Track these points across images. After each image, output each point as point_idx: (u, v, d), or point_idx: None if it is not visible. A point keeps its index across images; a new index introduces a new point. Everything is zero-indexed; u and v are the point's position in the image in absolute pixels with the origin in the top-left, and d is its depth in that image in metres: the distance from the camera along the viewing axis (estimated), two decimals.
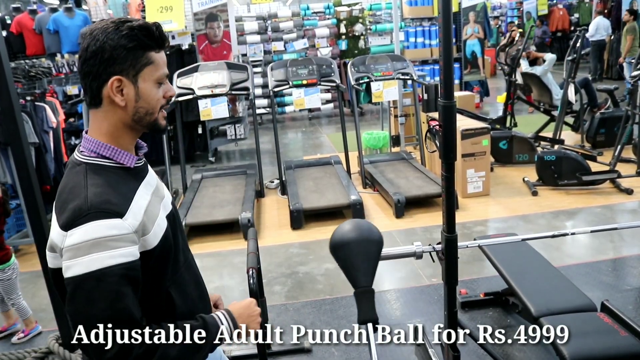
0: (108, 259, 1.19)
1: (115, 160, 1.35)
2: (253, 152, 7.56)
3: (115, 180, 1.31)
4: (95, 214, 1.20)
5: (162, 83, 1.37)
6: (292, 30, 10.95)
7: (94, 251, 1.18)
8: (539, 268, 3.22)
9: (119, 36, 1.28)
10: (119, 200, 1.26)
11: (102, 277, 1.18)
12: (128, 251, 1.23)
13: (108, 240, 1.20)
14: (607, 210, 5.17)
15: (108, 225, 1.21)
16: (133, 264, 1.23)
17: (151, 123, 1.37)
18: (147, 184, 1.41)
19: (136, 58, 1.30)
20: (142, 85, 1.32)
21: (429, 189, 5.59)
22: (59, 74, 7.80)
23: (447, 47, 1.99)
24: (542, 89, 7.67)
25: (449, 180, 2.13)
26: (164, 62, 1.36)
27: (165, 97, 1.38)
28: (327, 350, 3.29)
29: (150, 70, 1.33)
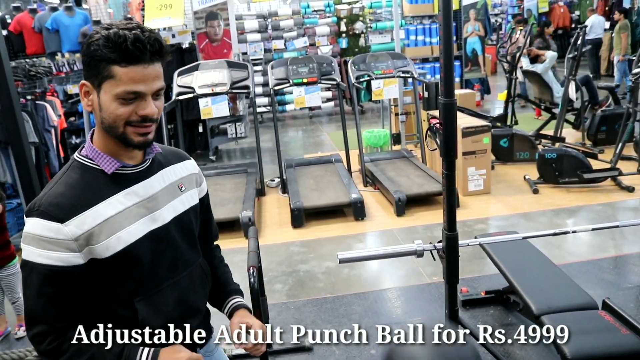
0: (37, 256, 1.27)
1: (95, 162, 1.36)
2: (254, 151, 7.55)
3: (87, 184, 1.33)
4: (39, 212, 1.27)
5: (128, 100, 1.28)
6: (293, 29, 10.93)
7: (31, 244, 1.28)
8: (540, 266, 3.22)
9: (89, 42, 1.27)
10: (71, 206, 1.29)
11: (31, 269, 1.28)
12: (58, 256, 1.27)
13: (41, 239, 1.27)
14: (608, 208, 5.16)
15: (45, 226, 1.26)
16: (61, 269, 1.28)
17: (119, 136, 1.32)
18: (132, 193, 1.37)
19: (97, 68, 1.26)
20: (102, 97, 1.29)
21: (429, 187, 5.58)
22: (59, 73, 7.80)
23: (448, 45, 1.98)
24: (543, 86, 7.67)
25: (449, 178, 2.13)
26: (130, 78, 1.26)
27: (137, 115, 1.29)
28: (328, 349, 3.29)
29: (111, 84, 1.26)
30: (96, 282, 1.34)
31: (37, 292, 1.29)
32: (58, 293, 1.29)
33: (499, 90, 11.16)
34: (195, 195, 1.56)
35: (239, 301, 1.65)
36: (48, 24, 7.47)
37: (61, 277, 1.28)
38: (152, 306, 1.41)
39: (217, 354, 1.70)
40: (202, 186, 1.62)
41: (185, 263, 1.50)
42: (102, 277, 1.34)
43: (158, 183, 1.44)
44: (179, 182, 1.50)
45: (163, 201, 1.44)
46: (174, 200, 1.47)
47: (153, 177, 1.43)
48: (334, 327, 3.52)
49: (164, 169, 1.48)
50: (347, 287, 4.06)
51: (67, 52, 7.83)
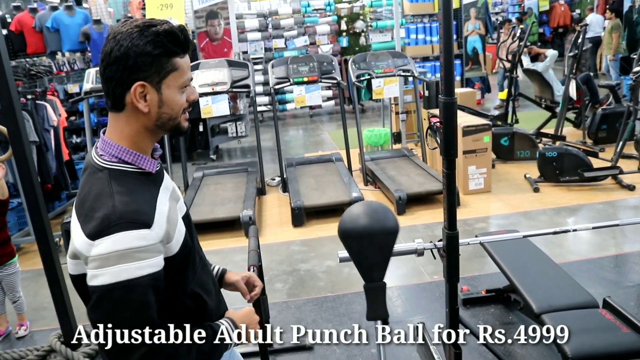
0: (136, 270, 1.19)
1: (137, 166, 1.33)
2: (254, 150, 7.55)
3: (138, 188, 1.30)
4: (124, 224, 1.19)
5: (186, 87, 1.34)
6: (293, 28, 10.93)
7: (123, 262, 1.18)
8: (541, 265, 3.22)
9: (144, 42, 1.24)
10: (146, 209, 1.25)
11: (130, 287, 1.18)
12: (155, 261, 1.23)
13: (137, 251, 1.19)
14: (609, 206, 5.16)
15: (137, 236, 1.20)
16: (159, 274, 1.24)
17: (174, 127, 1.35)
18: (165, 189, 1.39)
19: (161, 65, 1.27)
20: (165, 92, 1.29)
21: (430, 186, 5.58)
22: (59, 73, 7.79)
23: (448, 44, 1.98)
24: (544, 85, 7.66)
25: (449, 177, 2.12)
26: (188, 67, 1.33)
27: (188, 101, 1.36)
28: (329, 348, 3.29)
29: (175, 76, 1.30)
30: (168, 282, 1.31)
31: (141, 307, 1.21)
32: (157, 300, 1.25)
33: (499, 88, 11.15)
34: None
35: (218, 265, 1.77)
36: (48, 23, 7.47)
37: (160, 282, 1.25)
38: (203, 287, 1.45)
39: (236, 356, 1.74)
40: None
41: (198, 242, 1.55)
42: (172, 275, 1.31)
43: (167, 177, 1.47)
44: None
45: (177, 190, 1.50)
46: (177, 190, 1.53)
47: (165, 172, 1.48)
48: (334, 326, 3.53)
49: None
50: (348, 286, 4.06)
51: (67, 52, 7.83)
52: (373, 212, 1.60)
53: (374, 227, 1.58)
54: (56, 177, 5.80)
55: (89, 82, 6.31)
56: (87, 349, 3.36)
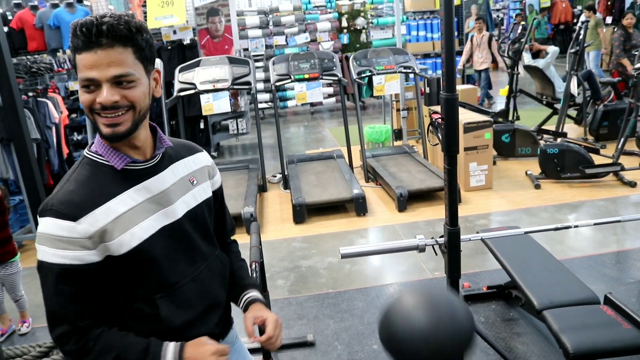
0: (52, 255, 1.26)
1: (105, 159, 1.34)
2: (255, 147, 7.55)
3: (97, 180, 1.31)
4: (52, 211, 1.26)
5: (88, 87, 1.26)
6: (294, 25, 10.92)
7: (45, 244, 1.26)
8: (542, 261, 3.22)
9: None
10: (83, 204, 1.27)
11: (47, 269, 1.27)
12: (73, 254, 1.26)
13: (55, 239, 1.25)
14: (610, 203, 5.16)
15: (58, 225, 1.25)
16: (77, 267, 1.26)
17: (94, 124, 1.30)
18: (143, 189, 1.35)
19: (74, 59, 1.27)
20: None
21: (431, 183, 5.58)
22: (60, 70, 7.80)
23: (449, 40, 1.98)
24: (545, 81, 7.65)
25: (451, 173, 2.12)
26: (84, 65, 1.23)
27: (97, 103, 1.25)
28: (330, 344, 3.30)
29: (78, 72, 1.26)
30: (115, 280, 1.33)
31: (56, 292, 1.28)
32: (77, 292, 1.29)
33: (500, 85, 11.14)
34: (208, 188, 1.55)
35: (253, 295, 1.61)
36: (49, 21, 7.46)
37: (78, 275, 1.27)
38: (174, 303, 1.40)
39: (238, 345, 1.70)
40: (214, 178, 1.60)
41: (202, 257, 1.49)
42: (120, 275, 1.33)
43: (169, 178, 1.42)
44: (190, 176, 1.48)
45: (175, 196, 1.42)
46: (186, 194, 1.46)
47: (164, 172, 1.41)
48: (336, 322, 3.53)
49: (174, 163, 1.46)
50: (349, 283, 4.06)
51: (68, 49, 7.83)
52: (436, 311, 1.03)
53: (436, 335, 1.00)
54: (58, 174, 5.80)
55: None
56: None
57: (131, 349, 1.32)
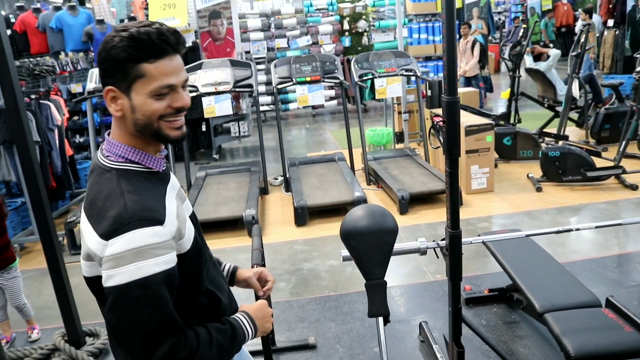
0: (153, 266, 1.19)
1: (144, 165, 1.33)
2: (257, 150, 7.56)
3: (147, 186, 1.29)
4: (137, 222, 1.19)
5: (163, 95, 1.27)
6: (296, 27, 10.93)
7: (138, 260, 1.17)
8: (544, 264, 3.22)
9: (110, 47, 1.23)
10: (157, 207, 1.25)
11: (147, 284, 1.18)
12: (169, 258, 1.23)
13: (151, 248, 1.19)
14: (611, 206, 5.15)
15: (150, 233, 1.19)
16: (173, 270, 1.24)
17: (155, 133, 1.30)
18: (172, 188, 1.38)
19: (125, 71, 1.23)
20: (135, 98, 1.25)
21: (432, 186, 5.58)
22: (62, 72, 7.82)
23: (451, 43, 1.98)
24: (546, 84, 7.65)
25: (452, 176, 2.12)
26: (161, 73, 1.25)
27: (171, 107, 1.28)
28: (332, 347, 3.29)
29: (142, 83, 1.24)
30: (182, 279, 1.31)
31: (161, 304, 1.20)
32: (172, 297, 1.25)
33: (502, 88, 11.15)
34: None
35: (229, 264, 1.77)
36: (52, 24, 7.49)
37: (174, 279, 1.25)
38: (215, 285, 1.46)
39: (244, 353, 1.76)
40: None
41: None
42: (185, 273, 1.32)
43: (173, 177, 1.47)
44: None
45: (182, 191, 1.49)
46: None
47: (170, 172, 1.47)
48: (337, 325, 3.53)
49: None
50: (351, 285, 4.06)
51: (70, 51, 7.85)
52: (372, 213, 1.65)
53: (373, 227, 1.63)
54: (60, 176, 5.81)
55: (92, 82, 6.33)
56: (91, 347, 3.38)
57: (222, 333, 1.36)
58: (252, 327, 1.45)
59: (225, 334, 1.36)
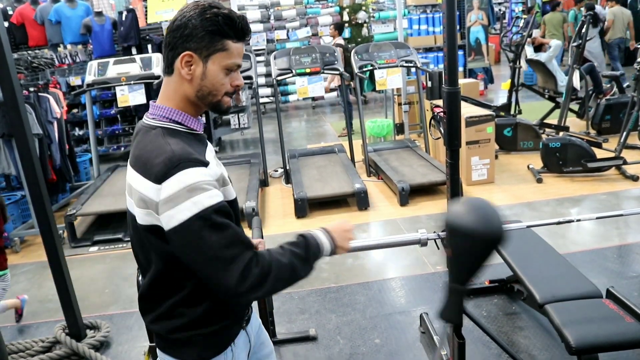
0: (207, 198, 1.29)
1: (186, 126, 1.44)
2: (257, 141, 7.55)
3: (189, 141, 1.40)
4: (185, 162, 1.29)
5: (232, 71, 1.43)
6: (295, 19, 10.88)
7: (193, 195, 1.27)
8: (544, 255, 3.22)
9: (202, 18, 1.36)
10: (199, 154, 1.37)
11: (206, 215, 1.28)
12: (217, 193, 1.33)
13: (202, 183, 1.29)
14: (612, 197, 5.15)
15: (199, 172, 1.31)
16: (224, 204, 1.34)
17: (213, 103, 1.44)
18: (209, 150, 1.49)
19: (212, 41, 1.37)
20: (210, 67, 1.39)
21: (433, 177, 5.57)
22: (61, 65, 7.79)
23: (451, 34, 1.97)
24: (547, 75, 7.63)
25: (453, 167, 2.12)
26: (238, 54, 1.42)
27: (232, 85, 1.45)
28: (333, 338, 3.30)
29: (222, 56, 1.39)
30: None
31: (223, 228, 1.30)
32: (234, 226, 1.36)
33: (502, 79, 11.11)
34: None
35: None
36: (50, 16, 7.46)
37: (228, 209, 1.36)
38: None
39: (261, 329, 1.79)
40: None
41: None
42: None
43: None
44: None
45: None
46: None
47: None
48: (338, 316, 3.54)
49: None
50: (351, 277, 4.06)
51: (69, 44, 7.83)
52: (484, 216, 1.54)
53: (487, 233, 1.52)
54: (60, 169, 5.80)
55: (91, 75, 6.30)
56: (91, 340, 3.38)
57: (294, 249, 1.45)
58: (329, 240, 1.52)
59: (298, 246, 1.46)
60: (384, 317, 3.49)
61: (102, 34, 7.70)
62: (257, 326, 1.72)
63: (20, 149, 3.17)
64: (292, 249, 1.44)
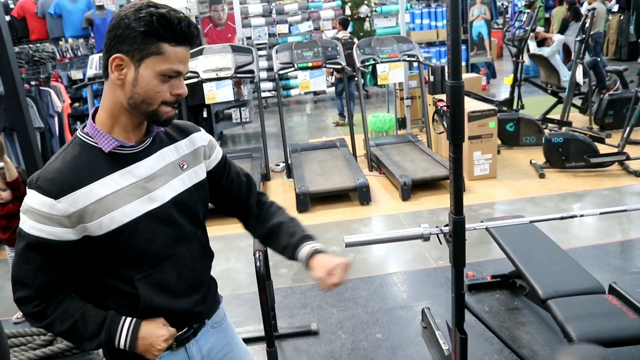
0: (30, 227, 1.31)
1: (95, 141, 1.36)
2: (258, 136, 7.53)
3: (84, 162, 1.34)
4: (36, 185, 1.30)
5: (171, 77, 1.32)
6: (297, 13, 10.85)
7: (26, 214, 1.32)
8: (547, 250, 3.21)
9: (135, 17, 1.27)
10: (65, 183, 1.30)
11: (22, 237, 1.33)
12: (49, 230, 1.30)
13: (35, 212, 1.30)
14: (615, 192, 5.13)
15: (40, 201, 1.29)
16: (50, 242, 1.31)
17: (148, 113, 1.34)
18: (128, 173, 1.37)
19: (144, 43, 1.27)
20: (142, 72, 1.29)
21: (435, 172, 5.56)
22: (63, 59, 7.77)
23: (455, 27, 1.95)
24: (550, 70, 7.59)
25: (456, 161, 2.10)
26: (176, 58, 1.31)
27: (172, 94, 1.34)
28: (334, 333, 3.30)
29: (156, 60, 1.29)
30: (93, 258, 1.38)
31: (25, 259, 1.34)
32: (45, 263, 1.34)
33: (505, 74, 11.08)
34: (201, 170, 1.54)
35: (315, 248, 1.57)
36: (51, 9, 7.43)
37: (50, 249, 1.32)
38: (153, 284, 1.42)
39: (226, 325, 1.70)
40: (212, 157, 1.60)
41: (185, 239, 1.49)
42: (98, 254, 1.37)
43: (157, 162, 1.42)
44: (180, 161, 1.48)
45: (161, 181, 1.42)
46: (174, 179, 1.45)
47: (152, 156, 1.42)
48: (339, 311, 3.53)
49: (165, 147, 1.46)
50: (353, 272, 4.06)
51: (70, 38, 7.80)
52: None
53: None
54: None
55: (93, 68, 6.29)
56: None
57: (90, 319, 1.38)
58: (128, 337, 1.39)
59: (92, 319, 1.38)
60: (385, 311, 3.49)
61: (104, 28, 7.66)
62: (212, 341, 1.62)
63: (21, 143, 3.17)
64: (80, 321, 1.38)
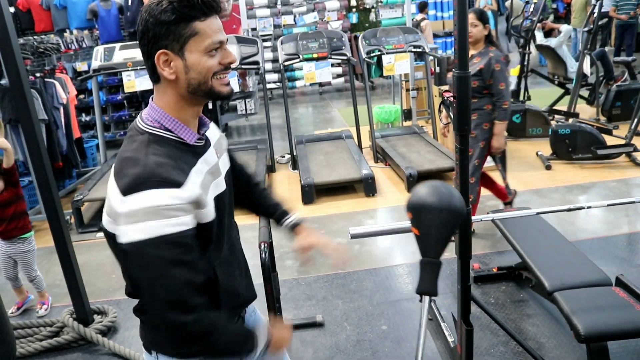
0: (165, 227, 1.21)
1: (176, 134, 1.34)
2: (263, 127, 7.52)
3: (174, 154, 1.31)
4: (154, 182, 1.22)
5: (215, 50, 1.31)
6: (302, 4, 10.79)
7: (151, 218, 1.20)
8: (553, 242, 3.19)
9: (158, 12, 1.26)
10: (178, 172, 1.27)
11: (157, 244, 1.21)
12: (182, 220, 1.24)
13: (165, 209, 1.21)
14: (622, 184, 5.10)
15: (165, 194, 1.22)
16: (187, 232, 1.25)
17: (207, 91, 1.34)
18: (204, 162, 1.39)
19: (178, 32, 1.27)
20: (189, 57, 1.29)
21: (441, 163, 5.54)
22: (67, 51, 7.76)
23: (462, 17, 1.93)
24: (557, 61, 7.54)
25: (463, 152, 2.08)
26: (212, 30, 1.30)
27: (221, 64, 1.33)
28: (340, 325, 3.29)
29: (196, 41, 1.28)
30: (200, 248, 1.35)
31: (174, 264, 1.23)
32: (194, 261, 1.27)
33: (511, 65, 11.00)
34: (226, 158, 1.60)
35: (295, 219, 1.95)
36: (56, 1, 7.43)
37: (188, 240, 1.26)
38: (224, 268, 1.45)
39: (256, 314, 1.75)
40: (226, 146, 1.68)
41: (234, 224, 1.61)
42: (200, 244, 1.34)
43: (215, 150, 1.47)
44: (223, 148, 1.57)
45: (222, 167, 1.48)
46: (226, 166, 1.53)
47: (211, 146, 1.46)
48: (345, 303, 3.53)
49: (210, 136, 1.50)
50: (358, 264, 4.05)
51: (75, 29, 7.79)
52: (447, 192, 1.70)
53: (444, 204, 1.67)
54: (67, 155, 5.80)
55: (98, 60, 6.28)
56: (99, 325, 3.39)
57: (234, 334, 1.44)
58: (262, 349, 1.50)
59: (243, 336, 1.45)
60: (390, 303, 3.48)
61: (108, 19, 7.65)
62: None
63: (26, 135, 3.16)
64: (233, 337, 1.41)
